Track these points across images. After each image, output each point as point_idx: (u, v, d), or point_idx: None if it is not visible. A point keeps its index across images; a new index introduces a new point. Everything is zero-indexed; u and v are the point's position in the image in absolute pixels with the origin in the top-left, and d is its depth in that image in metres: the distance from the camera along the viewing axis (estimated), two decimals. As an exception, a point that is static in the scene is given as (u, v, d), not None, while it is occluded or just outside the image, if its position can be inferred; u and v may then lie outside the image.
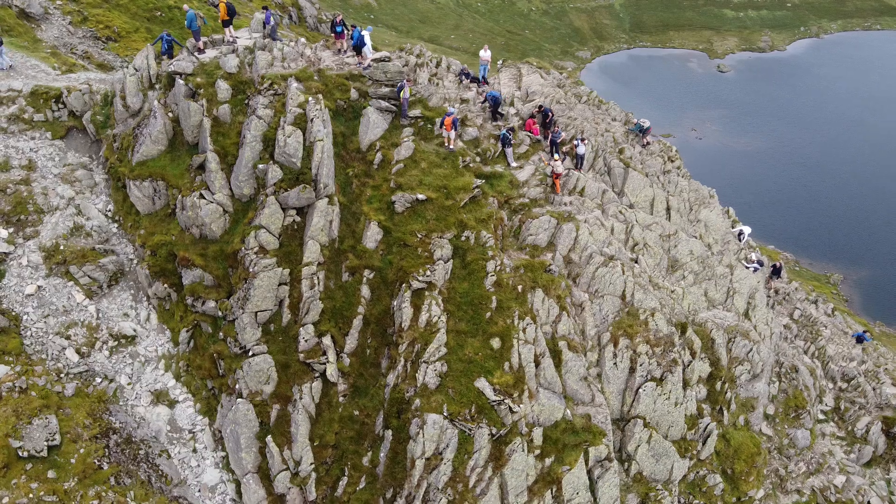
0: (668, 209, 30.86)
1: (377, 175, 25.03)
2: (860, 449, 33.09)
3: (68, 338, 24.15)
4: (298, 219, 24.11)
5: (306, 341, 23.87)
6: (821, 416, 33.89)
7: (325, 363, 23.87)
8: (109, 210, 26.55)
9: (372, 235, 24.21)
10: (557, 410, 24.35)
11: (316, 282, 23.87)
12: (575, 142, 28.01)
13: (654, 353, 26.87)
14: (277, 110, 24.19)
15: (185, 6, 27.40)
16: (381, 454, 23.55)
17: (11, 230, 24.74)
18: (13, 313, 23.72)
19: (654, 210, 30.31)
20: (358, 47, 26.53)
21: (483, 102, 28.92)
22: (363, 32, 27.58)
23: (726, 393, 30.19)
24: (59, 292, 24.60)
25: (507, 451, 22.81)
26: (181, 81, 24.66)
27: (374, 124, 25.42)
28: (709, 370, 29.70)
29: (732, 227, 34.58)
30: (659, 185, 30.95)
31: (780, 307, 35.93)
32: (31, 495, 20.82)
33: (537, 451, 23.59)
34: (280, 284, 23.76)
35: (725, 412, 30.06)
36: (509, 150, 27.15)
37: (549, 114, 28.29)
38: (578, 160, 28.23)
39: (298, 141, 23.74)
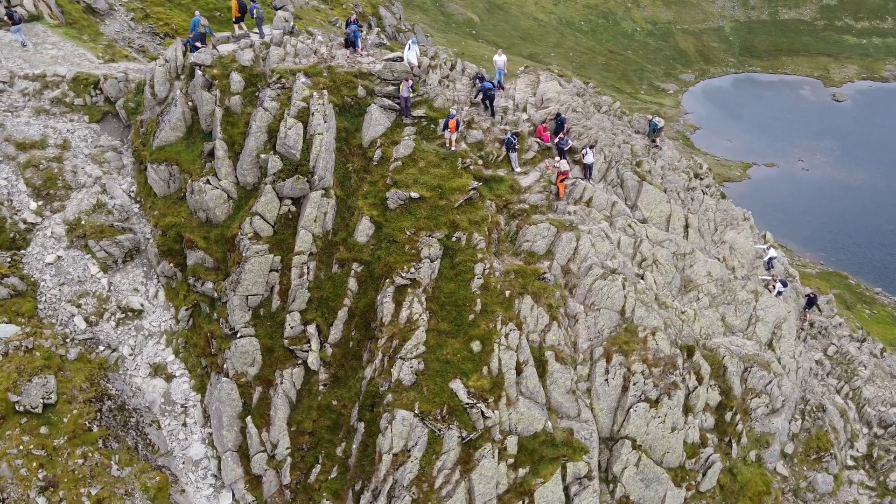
0: (686, 227, 29.63)
1: (375, 171, 25.44)
2: (891, 502, 30.39)
3: (79, 306, 25.75)
4: (294, 209, 24.83)
5: (292, 328, 24.47)
6: (850, 462, 31.38)
7: (308, 351, 24.39)
8: (133, 191, 28.23)
9: (363, 230, 24.59)
10: (538, 421, 23.76)
11: (305, 271, 24.46)
12: (584, 150, 27.42)
13: (650, 374, 25.78)
14: (283, 103, 25.10)
15: (197, 12, 29.06)
16: (354, 446, 23.76)
17: (40, 203, 26.73)
18: (32, 279, 25.57)
19: (670, 227, 29.16)
20: (351, 42, 27.51)
21: (475, 97, 28.79)
22: (409, 43, 28.08)
23: (737, 425, 28.56)
24: (76, 263, 26.32)
25: (477, 455, 22.47)
26: (199, 72, 26.04)
27: (376, 121, 25.88)
28: (718, 399, 28.21)
29: (763, 254, 32.65)
30: (679, 201, 29.76)
31: (815, 341, 33.61)
32: (21, 447, 22.28)
33: (511, 460, 23.09)
34: (271, 271, 24.50)
35: (735, 445, 28.41)
36: (514, 155, 26.91)
37: (564, 123, 27.83)
38: (587, 169, 27.60)
39: (299, 133, 24.51)
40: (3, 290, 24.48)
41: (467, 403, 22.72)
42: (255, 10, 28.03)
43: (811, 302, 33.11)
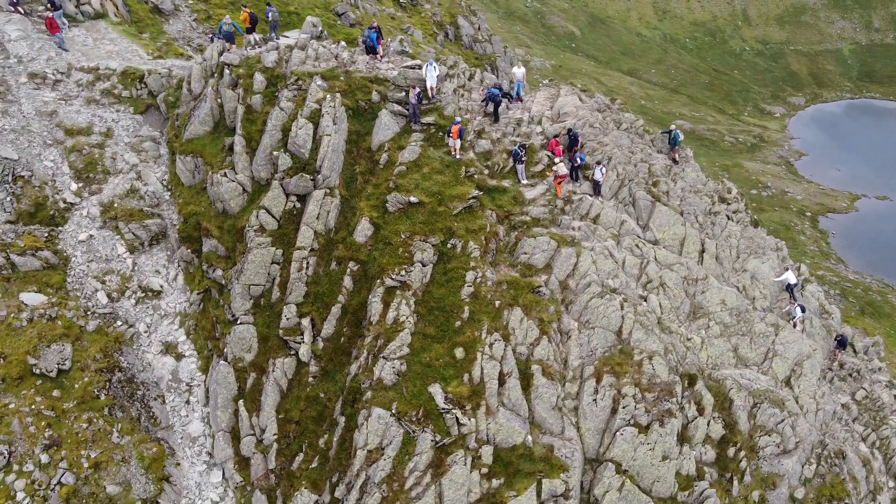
0: (701, 252, 28.67)
1: (381, 174, 26.13)
2: (913, 564, 28.22)
3: (103, 282, 27.73)
4: (299, 205, 25.89)
5: (288, 319, 25.47)
6: (870, 516, 29.31)
7: (300, 343, 25.31)
8: (165, 179, 30.14)
9: (362, 230, 25.30)
10: (518, 434, 23.68)
11: (305, 266, 25.41)
12: (594, 166, 27.09)
13: (643, 398, 25.14)
14: (298, 104, 26.24)
15: (227, 17, 30.86)
16: (334, 439, 24.44)
17: (81, 185, 28.99)
18: (64, 254, 27.76)
19: (683, 250, 28.31)
20: (371, 48, 28.35)
21: (482, 102, 28.99)
22: (427, 64, 28.34)
23: (741, 462, 27.34)
24: (105, 243, 28.37)
25: (449, 461, 22.66)
26: (227, 71, 27.63)
27: (385, 126, 26.61)
28: (722, 432, 27.13)
29: (779, 274, 30.96)
30: (696, 224, 28.84)
31: (843, 383, 31.63)
32: (33, 406, 24.25)
33: (484, 470, 23.09)
34: (273, 263, 25.62)
35: (736, 482, 27.19)
36: (520, 167, 26.93)
37: (577, 139, 27.62)
38: (596, 186, 27.24)
39: (308, 134, 25.57)
40: (36, 262, 26.72)
41: (443, 408, 22.95)
42: (269, 14, 29.45)
43: (842, 343, 31.21)
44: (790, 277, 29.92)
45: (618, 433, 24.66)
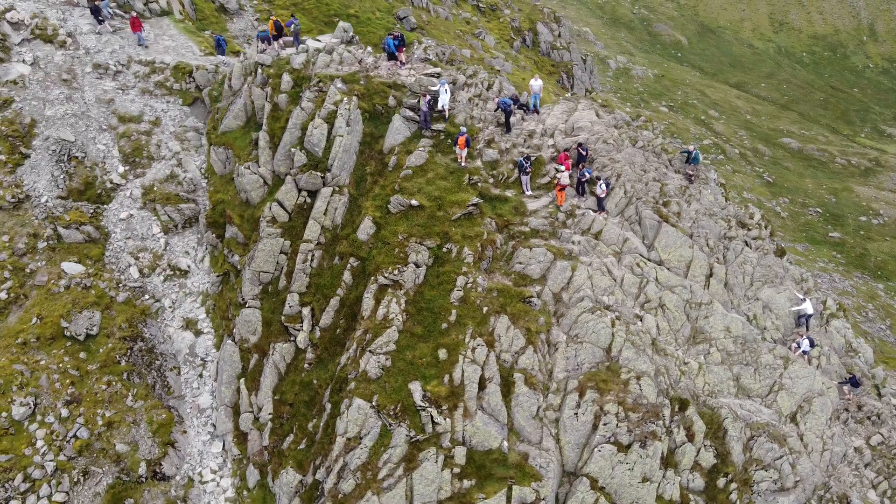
0: (709, 276, 28.13)
1: (388, 176, 27.26)
2: None
3: (137, 259, 30.25)
4: (310, 200, 27.39)
5: (290, 307, 27.03)
6: (873, 568, 27.89)
7: (299, 330, 26.83)
8: (203, 168, 32.46)
9: (365, 228, 26.51)
10: (494, 438, 24.26)
11: (309, 258, 26.89)
12: (599, 182, 27.12)
13: (626, 418, 25.11)
14: (317, 105, 27.75)
15: (262, 26, 32.89)
16: (321, 423, 25.78)
17: (127, 167, 31.69)
18: (106, 230, 30.47)
19: (690, 273, 27.88)
20: (390, 54, 29.58)
21: (495, 110, 29.40)
22: (440, 84, 28.70)
23: (731, 494, 26.72)
24: (143, 222, 30.91)
25: (421, 457, 23.53)
26: (260, 71, 29.53)
27: (396, 130, 27.71)
28: (713, 461, 26.64)
29: (798, 303, 29.81)
30: (706, 248, 28.30)
31: (860, 426, 30.13)
32: (60, 365, 26.89)
33: (457, 470, 23.81)
34: (281, 253, 27.25)
35: (725, 514, 26.65)
36: (525, 178, 27.35)
37: (585, 152, 27.75)
38: (600, 201, 27.27)
39: (323, 133, 27.03)
40: (79, 235, 29.50)
41: (420, 406, 23.82)
42: (292, 25, 31.24)
43: (853, 383, 29.77)
44: (808, 308, 28.83)
45: (596, 449, 24.75)
